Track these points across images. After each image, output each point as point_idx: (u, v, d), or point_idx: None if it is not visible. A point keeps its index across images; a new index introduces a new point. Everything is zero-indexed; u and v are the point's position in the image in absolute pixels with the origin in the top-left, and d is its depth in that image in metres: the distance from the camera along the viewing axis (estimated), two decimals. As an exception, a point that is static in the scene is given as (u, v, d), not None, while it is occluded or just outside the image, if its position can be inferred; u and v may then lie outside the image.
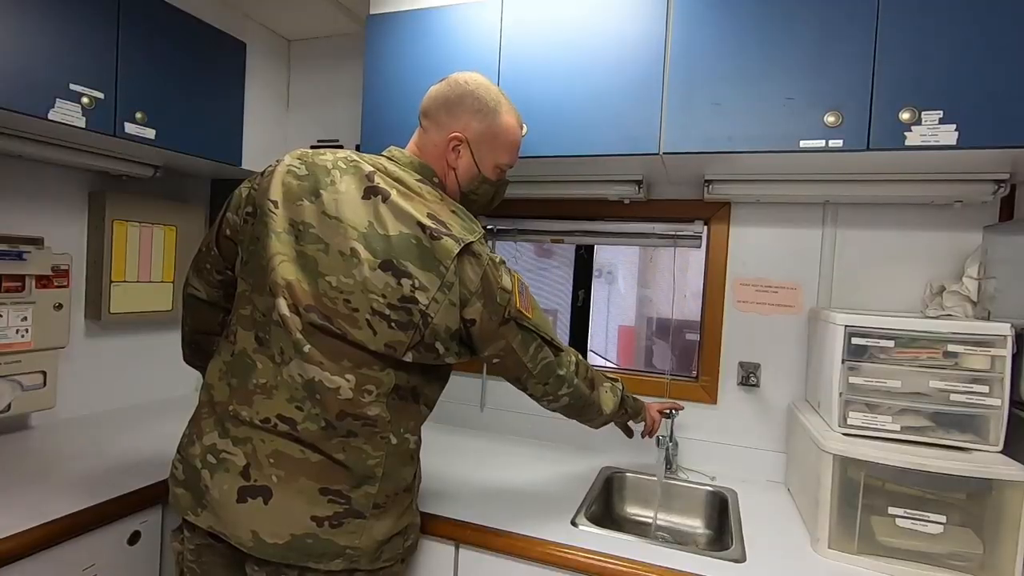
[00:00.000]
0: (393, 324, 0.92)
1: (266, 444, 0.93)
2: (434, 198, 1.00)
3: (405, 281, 0.92)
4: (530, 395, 1.12)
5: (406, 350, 0.94)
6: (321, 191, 0.96)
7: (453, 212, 0.99)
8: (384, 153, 1.07)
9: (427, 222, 0.94)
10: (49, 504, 1.10)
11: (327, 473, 0.93)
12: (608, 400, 1.22)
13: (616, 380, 1.28)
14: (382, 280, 0.92)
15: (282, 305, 0.94)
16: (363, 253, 0.92)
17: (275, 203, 0.97)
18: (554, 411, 1.17)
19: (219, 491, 0.94)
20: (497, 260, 1.01)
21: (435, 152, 1.06)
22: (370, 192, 0.96)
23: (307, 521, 0.92)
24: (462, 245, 0.94)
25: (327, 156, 1.01)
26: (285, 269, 0.94)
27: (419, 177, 1.02)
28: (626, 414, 1.30)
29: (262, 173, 1.04)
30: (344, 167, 0.99)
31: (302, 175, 0.99)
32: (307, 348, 0.93)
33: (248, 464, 0.93)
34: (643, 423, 1.38)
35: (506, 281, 1.00)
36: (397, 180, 0.99)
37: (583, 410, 1.18)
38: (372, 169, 0.99)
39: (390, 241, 0.93)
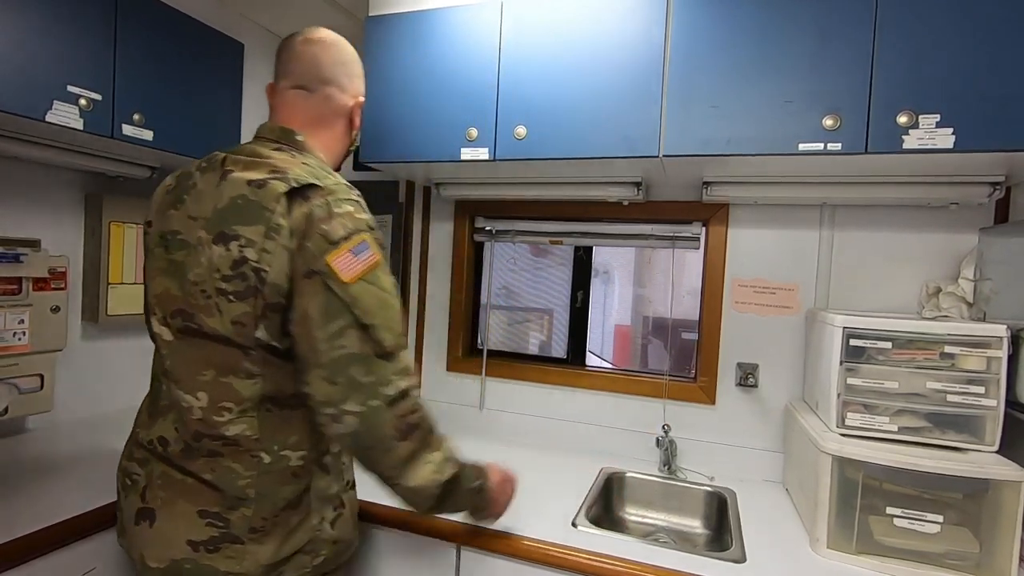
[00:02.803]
0: (231, 296, 0.85)
1: (156, 466, 0.93)
2: (284, 157, 0.93)
3: (233, 244, 0.85)
4: (308, 396, 0.86)
5: (255, 323, 0.85)
6: (185, 196, 0.94)
7: (305, 164, 0.92)
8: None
9: (256, 177, 0.87)
10: (48, 508, 1.10)
11: (202, 495, 0.89)
12: (423, 474, 0.90)
13: (466, 467, 0.98)
14: (218, 254, 0.86)
15: (154, 322, 0.94)
16: (204, 235, 0.88)
17: (149, 223, 0.98)
18: (333, 436, 0.88)
19: (127, 513, 0.95)
20: (343, 210, 0.86)
21: (330, 118, 1.04)
22: (220, 178, 0.92)
23: (184, 545, 0.88)
24: (293, 185, 0.85)
25: (195, 162, 0.99)
26: (156, 283, 0.94)
27: (276, 146, 0.96)
28: (454, 506, 1.00)
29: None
30: (205, 165, 0.96)
31: (171, 187, 0.97)
32: (168, 363, 0.92)
33: (146, 486, 0.93)
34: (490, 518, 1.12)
35: (337, 229, 0.84)
36: (249, 154, 0.94)
37: (373, 456, 0.88)
38: (224, 155, 0.95)
39: (220, 212, 0.88)
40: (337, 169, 1.04)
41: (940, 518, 1.08)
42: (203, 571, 0.88)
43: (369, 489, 1.31)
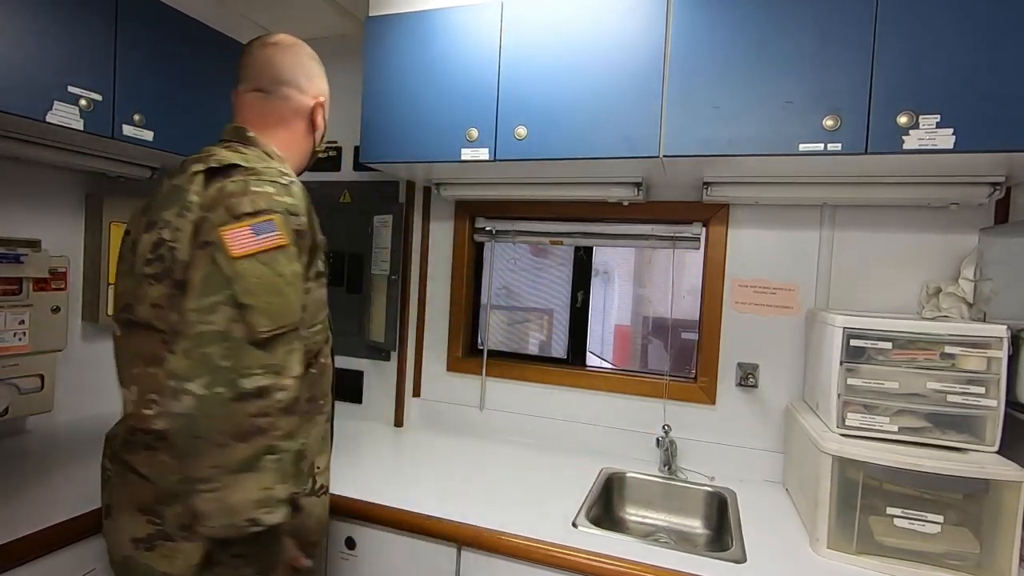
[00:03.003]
0: (152, 279, 0.86)
1: (116, 462, 0.94)
2: (225, 151, 0.93)
3: (155, 229, 0.87)
4: (165, 364, 0.79)
5: (171, 304, 0.83)
6: (153, 203, 0.95)
7: (243, 154, 0.92)
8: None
9: (185, 167, 0.90)
10: (48, 509, 1.10)
11: (143, 490, 0.88)
12: (249, 496, 0.77)
13: (302, 496, 0.91)
14: (144, 241, 0.88)
15: (113, 323, 0.95)
16: (141, 228, 0.91)
17: (128, 232, 0.98)
18: (169, 414, 0.77)
19: (102, 507, 0.97)
20: (261, 189, 0.83)
21: (290, 118, 1.04)
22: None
23: (128, 542, 0.88)
24: (212, 165, 0.87)
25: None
26: (118, 284, 0.96)
27: (227, 144, 0.98)
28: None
29: None
30: (174, 171, 0.97)
31: (151, 196, 0.99)
32: (116, 362, 0.94)
33: (114, 482, 0.95)
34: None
35: (244, 204, 0.81)
36: (204, 154, 0.95)
37: (199, 449, 0.75)
38: (185, 159, 0.97)
39: (156, 207, 0.90)
40: (301, 172, 1.04)
41: (940, 518, 1.08)
42: (144, 570, 0.87)
43: (369, 489, 1.32)
